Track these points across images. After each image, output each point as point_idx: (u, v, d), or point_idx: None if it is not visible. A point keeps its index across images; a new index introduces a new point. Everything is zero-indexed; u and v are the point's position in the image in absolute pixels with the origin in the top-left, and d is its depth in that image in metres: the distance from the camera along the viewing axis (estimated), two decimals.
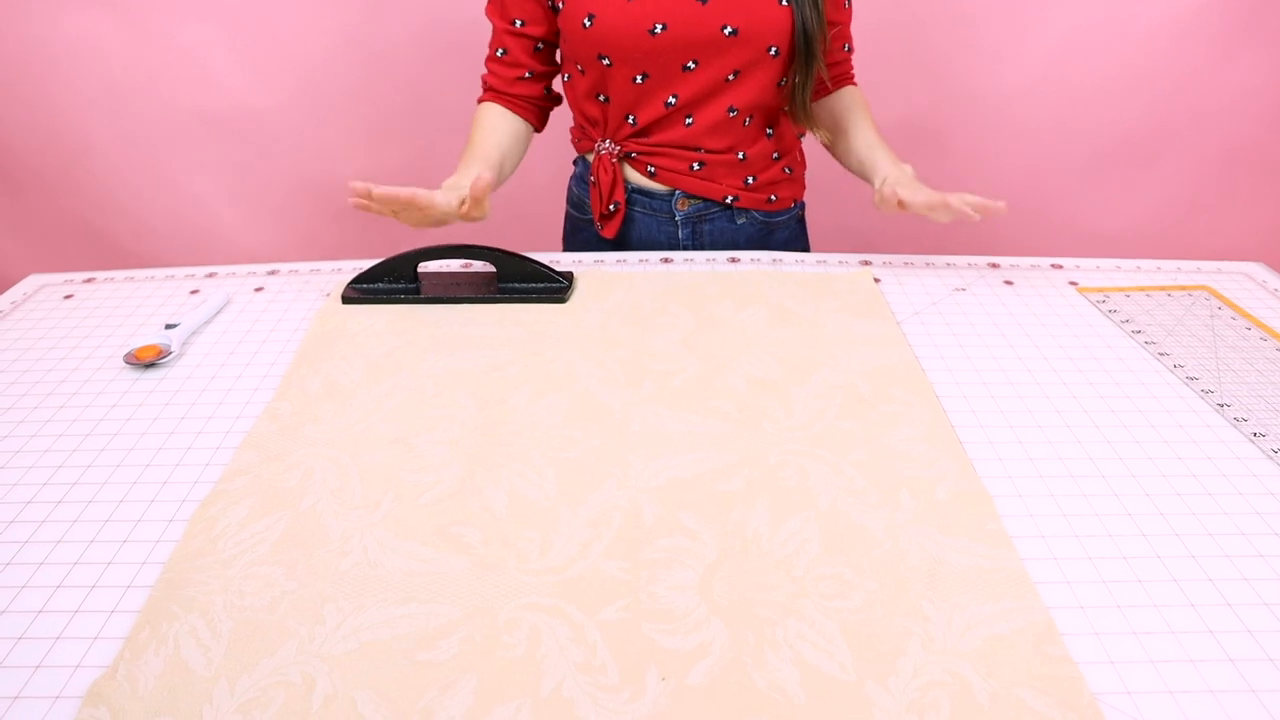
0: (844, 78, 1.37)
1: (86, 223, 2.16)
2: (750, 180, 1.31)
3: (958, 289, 1.17)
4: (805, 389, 0.93)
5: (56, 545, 0.75)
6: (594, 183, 1.34)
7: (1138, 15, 1.94)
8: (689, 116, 1.25)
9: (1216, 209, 2.14)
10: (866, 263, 1.25)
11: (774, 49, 1.20)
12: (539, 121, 1.36)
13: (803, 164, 1.40)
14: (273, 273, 1.26)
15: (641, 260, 1.25)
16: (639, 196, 1.33)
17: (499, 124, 1.30)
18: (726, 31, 1.18)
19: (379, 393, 0.94)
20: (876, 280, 1.19)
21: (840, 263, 1.25)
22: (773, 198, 1.34)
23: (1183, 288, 1.21)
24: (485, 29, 1.31)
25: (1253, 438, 0.87)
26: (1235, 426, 0.89)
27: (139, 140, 2.05)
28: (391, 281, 1.14)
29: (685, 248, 1.34)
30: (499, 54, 1.30)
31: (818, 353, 1.00)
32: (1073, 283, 1.20)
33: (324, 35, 1.94)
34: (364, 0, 1.91)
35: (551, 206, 1.47)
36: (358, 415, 0.90)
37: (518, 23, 1.27)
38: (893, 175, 1.22)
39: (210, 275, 1.26)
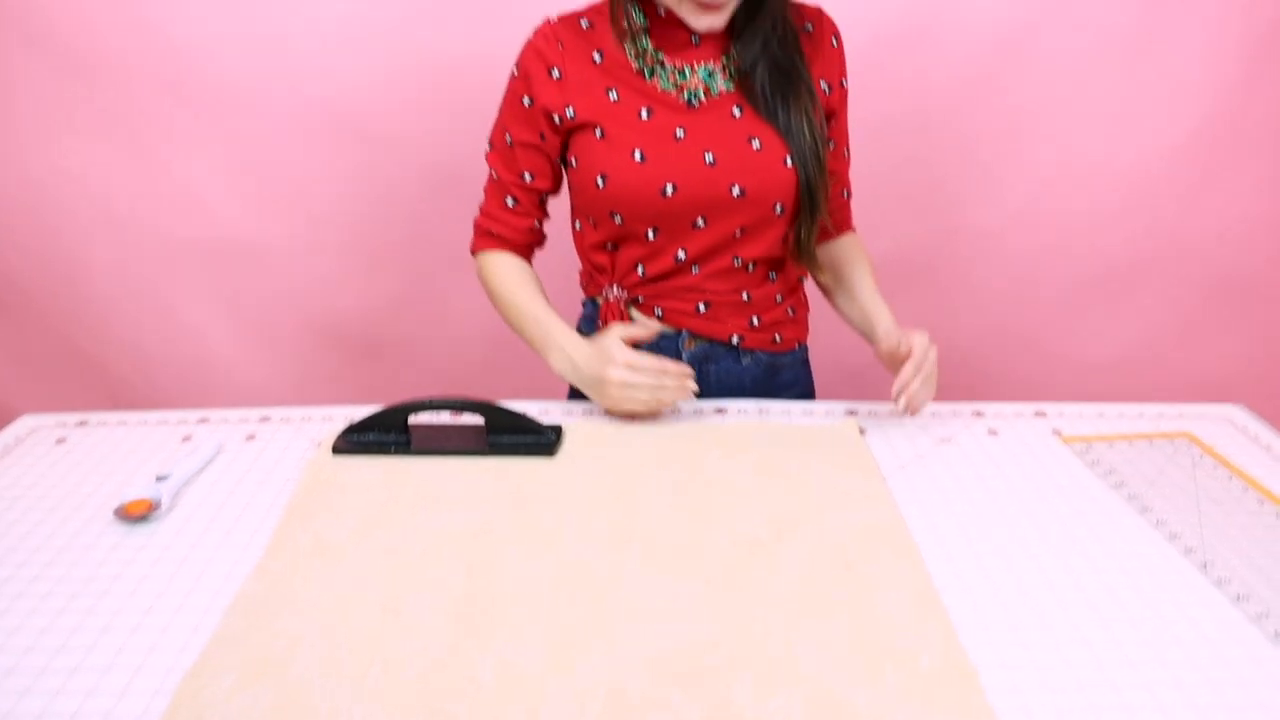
0: (843, 223, 1.42)
1: (82, 350, 2.18)
2: (755, 321, 1.33)
3: (942, 440, 1.19)
4: (791, 549, 0.94)
5: None
6: (601, 328, 1.36)
7: (1118, 152, 2.00)
8: (696, 266, 1.28)
9: (1199, 338, 2.18)
10: (852, 413, 1.27)
11: (779, 207, 1.24)
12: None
13: (806, 306, 1.43)
14: (265, 419, 1.27)
15: None
16: None
17: (527, 277, 1.36)
18: (735, 192, 1.22)
19: (368, 552, 0.94)
20: (862, 431, 1.21)
21: (827, 413, 1.27)
22: (777, 338, 1.36)
23: (1164, 435, 1.22)
24: (481, 164, 1.35)
25: (1236, 600, 0.88)
26: (1219, 588, 0.90)
27: (137, 270, 2.08)
28: (382, 433, 1.15)
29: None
30: (509, 203, 1.33)
31: (804, 511, 1.01)
32: (1056, 431, 1.22)
33: (321, 168, 1.99)
34: (361, 135, 1.96)
35: None
36: (346, 577, 0.91)
37: (527, 176, 1.31)
38: (894, 330, 1.25)
39: (202, 420, 1.27)
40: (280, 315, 2.12)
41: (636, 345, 1.26)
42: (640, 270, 1.30)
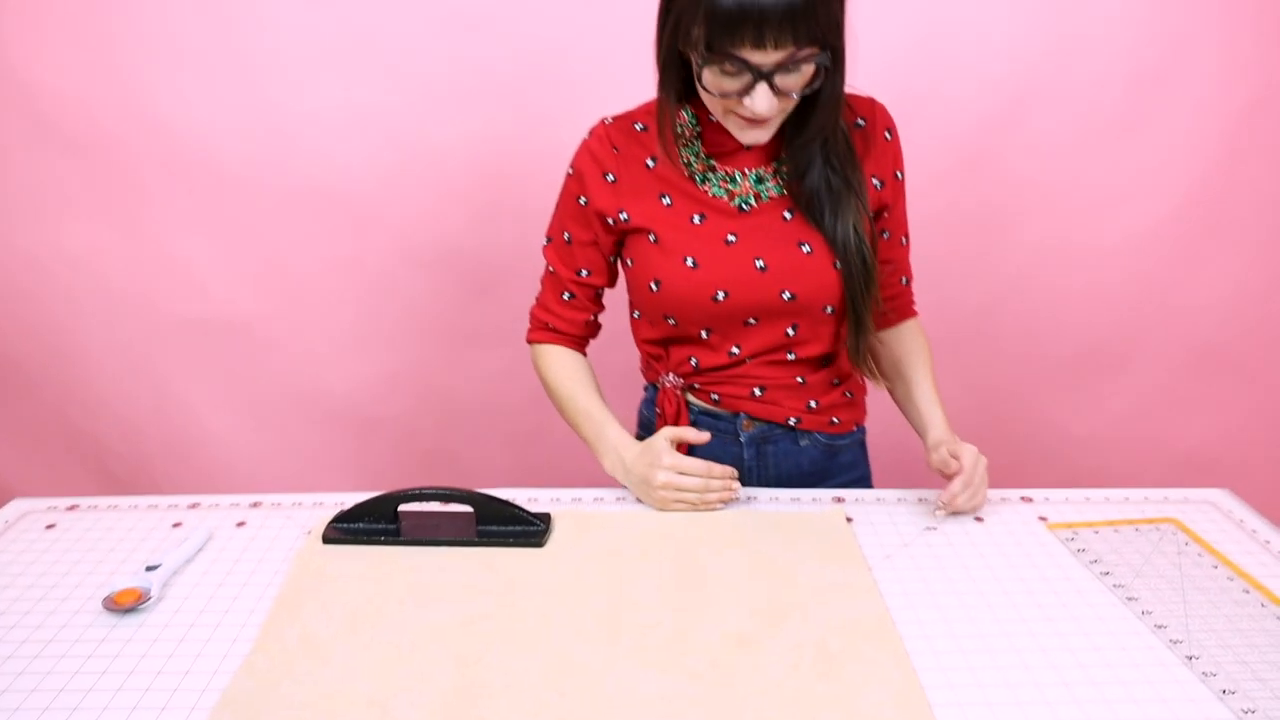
0: (904, 310, 1.42)
1: (77, 426, 2.19)
2: (812, 405, 1.34)
3: (928, 528, 1.20)
4: (777, 643, 0.94)
5: None
6: (659, 414, 1.38)
7: (1106, 229, 2.03)
8: (749, 359, 1.30)
9: (1186, 412, 2.20)
10: (839, 499, 1.28)
11: (830, 308, 1.26)
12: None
13: (863, 389, 1.43)
14: (256, 504, 1.27)
15: (619, 499, 1.28)
16: (705, 419, 1.37)
17: (583, 371, 1.39)
18: (785, 296, 1.24)
19: (356, 646, 0.94)
20: (849, 519, 1.22)
21: (814, 499, 1.28)
22: (835, 420, 1.36)
23: (1150, 520, 1.23)
24: (470, 244, 1.37)
25: (1221, 695, 0.88)
26: (1204, 682, 0.90)
27: (133, 348, 2.10)
28: (372, 521, 1.16)
29: (750, 469, 1.37)
30: (565, 297, 1.36)
31: (790, 604, 1.01)
32: (1042, 518, 1.23)
33: (314, 248, 2.02)
34: (353, 217, 1.99)
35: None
36: (334, 673, 0.91)
37: (583, 272, 1.34)
38: (945, 438, 1.27)
39: (193, 506, 1.27)
40: (274, 393, 2.13)
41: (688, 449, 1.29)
42: (694, 362, 1.32)
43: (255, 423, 2.16)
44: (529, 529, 1.15)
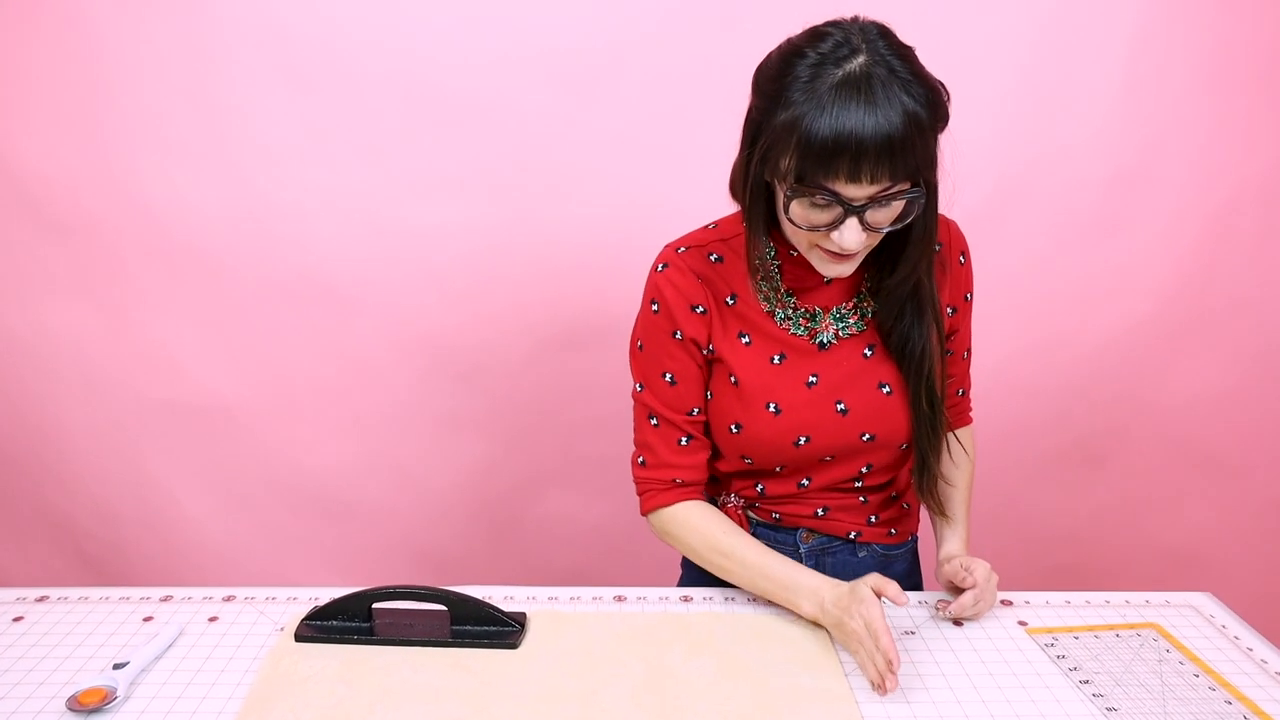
0: (957, 419, 1.41)
1: (53, 505, 2.17)
2: (872, 519, 1.32)
3: (906, 632, 1.19)
4: None
5: None
6: None
7: (1085, 327, 2.05)
8: (818, 490, 1.29)
9: (1166, 507, 2.20)
10: None
11: (905, 445, 1.26)
12: None
13: (917, 500, 1.39)
14: (229, 598, 1.26)
15: (595, 598, 1.26)
16: (764, 531, 1.34)
17: (730, 524, 1.27)
18: (865, 438, 1.23)
19: None
20: None
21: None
22: (892, 532, 1.35)
23: (1131, 626, 1.22)
24: (451, 331, 1.32)
25: None
26: None
27: (111, 428, 2.08)
28: (346, 619, 1.15)
29: None
30: (682, 443, 1.26)
31: (764, 711, 1.00)
32: (1022, 622, 1.22)
33: (295, 333, 2.02)
34: (335, 302, 2.00)
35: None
36: None
37: (694, 411, 1.26)
38: (959, 554, 1.28)
39: (165, 599, 1.26)
40: (252, 477, 2.12)
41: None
42: (760, 489, 1.30)
43: (233, 506, 2.14)
44: (503, 629, 1.14)
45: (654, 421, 1.26)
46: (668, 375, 1.24)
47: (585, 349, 2.01)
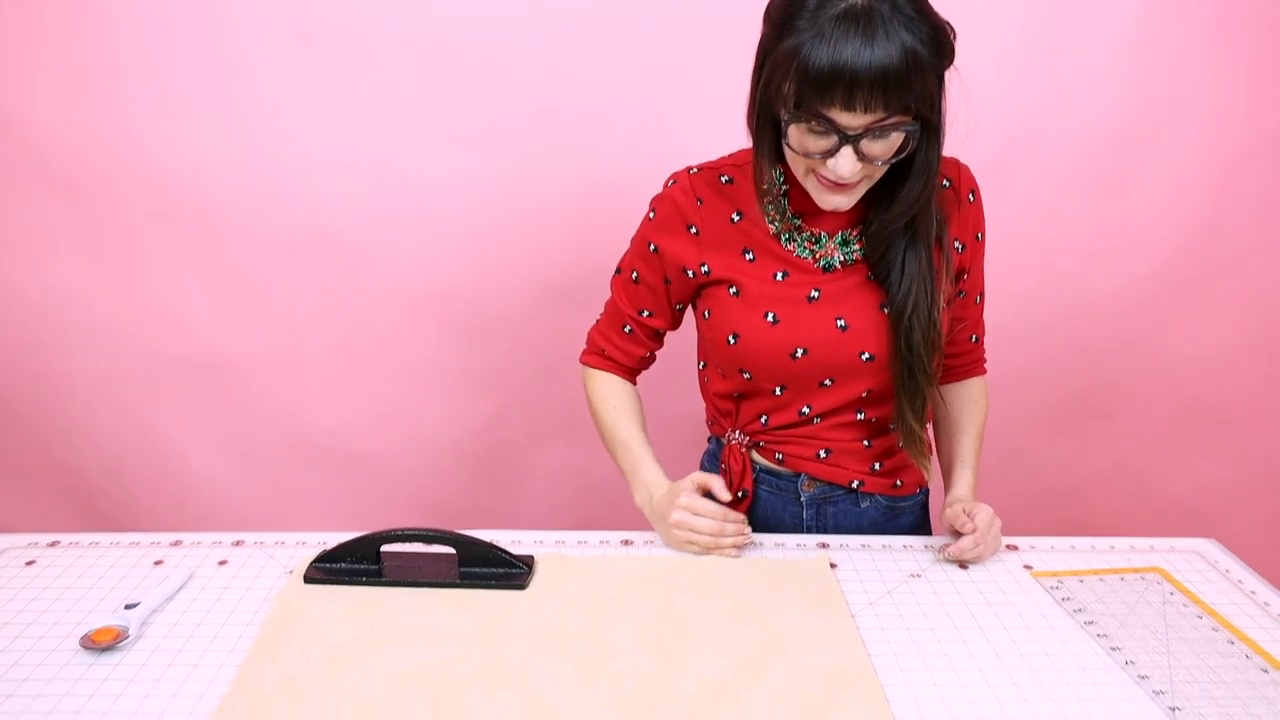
0: (971, 367, 1.42)
1: (61, 461, 2.18)
2: (876, 466, 1.33)
3: (913, 575, 1.19)
4: (757, 693, 0.93)
5: None
6: (724, 469, 1.37)
7: (1092, 280, 2.04)
8: (819, 418, 1.29)
9: (1173, 462, 2.20)
10: (824, 545, 1.27)
11: None
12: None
13: (928, 451, 1.39)
14: (238, 543, 1.27)
15: (602, 542, 1.27)
16: (766, 476, 1.36)
17: (629, 401, 1.40)
18: (864, 357, 1.23)
19: (333, 688, 0.94)
20: (833, 565, 1.21)
21: (799, 545, 1.27)
22: (898, 483, 1.35)
23: (1135, 570, 1.23)
24: (460, 286, 1.35)
25: None
26: None
27: (119, 384, 2.09)
28: (354, 562, 1.15)
29: (809, 529, 1.36)
30: (625, 330, 1.38)
31: (772, 653, 1.00)
32: (1027, 566, 1.23)
33: (302, 286, 2.02)
34: (342, 255, 1.99)
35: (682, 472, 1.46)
36: (310, 715, 0.90)
37: (645, 313, 1.36)
38: (964, 499, 1.31)
39: (175, 544, 1.27)
40: (259, 430, 2.12)
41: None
42: (764, 420, 1.31)
43: (241, 460, 2.15)
44: (511, 571, 1.15)
45: (615, 302, 1.39)
46: (635, 274, 1.34)
47: (593, 302, 2.01)
